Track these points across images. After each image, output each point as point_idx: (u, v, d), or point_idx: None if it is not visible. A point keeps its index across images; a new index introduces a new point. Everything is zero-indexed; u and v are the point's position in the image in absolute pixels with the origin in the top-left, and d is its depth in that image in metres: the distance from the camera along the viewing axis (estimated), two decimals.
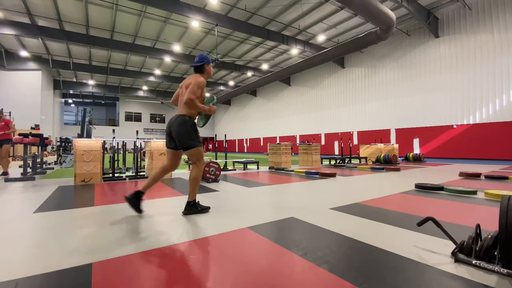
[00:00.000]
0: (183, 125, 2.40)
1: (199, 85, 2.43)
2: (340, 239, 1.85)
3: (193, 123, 2.47)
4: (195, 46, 16.64)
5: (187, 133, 2.40)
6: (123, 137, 27.23)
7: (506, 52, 10.77)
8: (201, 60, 2.59)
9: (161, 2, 10.74)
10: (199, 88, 2.43)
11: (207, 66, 2.61)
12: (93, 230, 2.08)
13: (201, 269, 1.39)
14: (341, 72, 18.34)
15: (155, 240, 1.84)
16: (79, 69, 19.36)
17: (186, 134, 2.40)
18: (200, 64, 2.58)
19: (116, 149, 6.87)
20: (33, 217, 2.45)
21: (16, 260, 1.52)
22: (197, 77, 2.49)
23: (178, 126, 2.41)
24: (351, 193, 3.66)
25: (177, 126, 2.41)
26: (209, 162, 4.97)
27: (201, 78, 2.47)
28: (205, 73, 2.62)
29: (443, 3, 12.00)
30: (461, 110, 12.14)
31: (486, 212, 2.57)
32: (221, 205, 2.94)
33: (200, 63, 2.58)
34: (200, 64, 2.58)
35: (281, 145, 7.92)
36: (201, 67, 2.59)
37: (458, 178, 5.20)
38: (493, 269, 1.32)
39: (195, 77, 2.50)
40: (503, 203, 1.34)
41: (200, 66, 2.59)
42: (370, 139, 15.30)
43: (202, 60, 2.59)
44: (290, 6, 12.18)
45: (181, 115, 2.44)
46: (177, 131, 2.41)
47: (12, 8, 11.99)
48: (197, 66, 2.59)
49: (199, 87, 2.42)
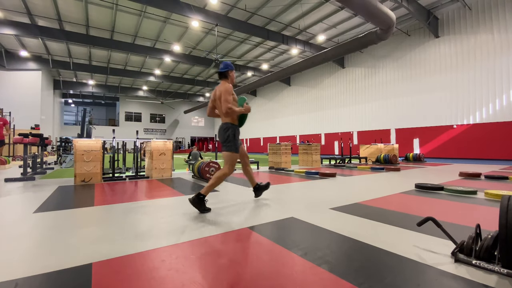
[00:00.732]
0: (225, 131, 2.77)
1: (228, 92, 2.73)
2: (340, 239, 1.85)
3: (234, 130, 2.79)
4: (195, 46, 16.64)
5: (226, 138, 2.76)
6: (123, 137, 27.22)
7: (506, 52, 10.77)
8: (225, 67, 2.89)
9: (161, 2, 10.74)
10: (229, 94, 2.74)
11: (231, 72, 2.91)
12: (93, 230, 2.08)
13: (201, 269, 1.39)
14: (341, 72, 18.34)
15: (155, 240, 1.84)
16: (79, 69, 19.37)
17: (225, 139, 2.77)
18: (225, 71, 2.88)
19: (116, 149, 6.87)
20: (33, 217, 2.45)
21: (16, 260, 1.52)
22: (224, 85, 2.79)
23: (220, 131, 2.82)
24: (351, 193, 3.66)
25: (220, 131, 2.83)
26: (209, 162, 4.98)
27: (227, 84, 2.79)
28: (229, 78, 2.90)
29: (443, 3, 12.01)
30: (461, 110, 12.14)
31: (486, 212, 2.57)
32: (221, 205, 2.94)
33: (225, 69, 2.88)
34: (225, 71, 2.88)
35: (281, 145, 7.92)
36: (226, 73, 2.88)
37: (458, 178, 5.20)
38: (493, 269, 1.32)
39: (223, 85, 2.80)
40: (503, 203, 1.34)
41: (224, 72, 2.88)
42: (370, 139, 15.30)
43: (226, 67, 2.90)
44: (290, 6, 12.18)
45: (224, 123, 2.82)
46: (219, 135, 2.84)
47: (12, 8, 11.99)
48: (221, 72, 2.89)
49: (229, 93, 2.73)
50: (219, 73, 2.92)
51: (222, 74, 2.90)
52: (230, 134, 2.74)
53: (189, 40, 15.93)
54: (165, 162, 5.72)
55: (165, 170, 5.71)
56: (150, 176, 5.63)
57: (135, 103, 32.23)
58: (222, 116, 2.85)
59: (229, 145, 2.75)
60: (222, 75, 2.91)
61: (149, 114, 33.54)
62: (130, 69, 21.45)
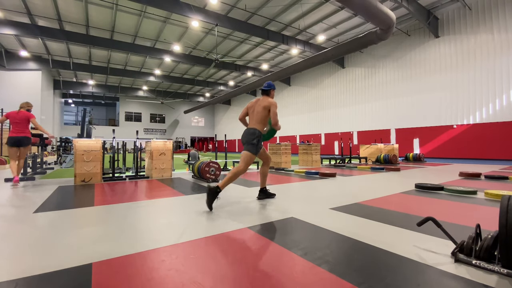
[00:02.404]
0: (251, 135, 3.10)
1: (276, 106, 3.15)
2: (340, 239, 1.85)
3: (259, 137, 3.11)
4: (195, 46, 16.65)
5: (250, 140, 3.09)
6: (123, 137, 27.24)
7: (506, 52, 10.77)
8: (269, 86, 3.29)
9: (161, 2, 10.74)
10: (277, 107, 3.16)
11: (273, 91, 3.33)
12: (93, 230, 2.08)
13: (201, 269, 1.39)
14: (341, 72, 18.34)
15: (155, 240, 1.84)
16: (79, 69, 19.36)
17: (249, 141, 3.09)
18: (269, 89, 3.28)
19: (116, 149, 6.87)
20: (33, 217, 2.45)
21: (16, 260, 1.52)
22: (268, 99, 3.16)
23: (248, 134, 3.12)
24: (351, 193, 3.66)
25: (247, 134, 3.12)
26: (209, 162, 4.97)
27: (273, 100, 3.17)
28: (270, 95, 3.29)
29: (443, 3, 12.01)
30: (461, 110, 12.14)
31: (486, 212, 2.57)
32: (221, 205, 2.94)
33: (268, 88, 3.28)
34: (269, 89, 3.28)
35: (281, 145, 7.92)
36: (269, 91, 3.28)
37: (458, 178, 5.20)
38: (493, 269, 1.32)
39: (266, 100, 3.15)
40: (503, 203, 1.34)
41: (267, 90, 3.28)
42: (370, 139, 15.30)
43: (270, 86, 3.29)
44: (290, 6, 12.18)
45: (252, 128, 3.14)
46: (245, 136, 3.14)
47: (12, 8, 11.99)
48: (265, 90, 3.29)
49: (276, 107, 3.14)
50: (263, 90, 3.32)
51: (266, 91, 3.30)
52: (255, 138, 3.08)
53: (189, 40, 15.93)
54: (165, 162, 5.73)
55: (165, 170, 5.71)
56: (150, 176, 5.63)
57: (135, 103, 32.23)
58: (253, 122, 3.18)
59: (251, 147, 3.06)
60: (265, 93, 3.31)
61: (149, 114, 33.54)
62: (130, 69, 21.45)
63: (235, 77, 24.39)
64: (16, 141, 4.65)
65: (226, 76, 24.21)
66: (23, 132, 4.75)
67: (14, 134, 4.67)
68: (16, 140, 4.65)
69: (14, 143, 4.64)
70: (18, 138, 4.67)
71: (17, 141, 4.66)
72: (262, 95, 3.32)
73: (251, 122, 3.22)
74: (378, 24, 9.32)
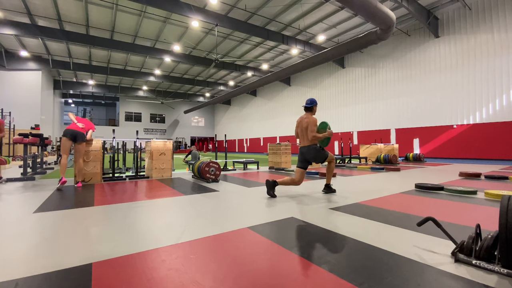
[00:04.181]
0: (315, 151, 3.40)
1: (315, 123, 3.39)
2: (340, 239, 1.85)
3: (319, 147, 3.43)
4: (195, 46, 16.64)
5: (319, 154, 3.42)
6: (123, 137, 27.27)
7: (506, 52, 10.77)
8: (311, 103, 3.52)
9: (161, 2, 10.74)
10: (315, 125, 3.39)
11: (315, 107, 3.55)
12: (93, 230, 2.08)
13: (201, 269, 1.39)
14: (341, 72, 18.34)
15: (155, 240, 1.85)
16: (79, 69, 19.35)
17: (320, 155, 3.42)
18: (311, 106, 3.51)
19: (116, 149, 6.87)
20: (33, 217, 2.45)
21: (16, 260, 1.52)
22: (310, 118, 3.41)
23: (312, 153, 3.41)
24: (351, 193, 3.66)
25: (312, 153, 3.41)
26: (209, 162, 4.97)
27: (313, 118, 3.41)
28: (313, 111, 3.53)
29: (443, 3, 12.00)
30: (461, 110, 12.13)
31: (486, 212, 2.57)
32: (221, 205, 2.94)
33: (311, 104, 3.51)
34: (311, 106, 3.51)
35: (281, 145, 7.92)
36: (311, 107, 3.51)
37: (458, 178, 5.20)
38: (493, 269, 1.32)
39: (308, 118, 3.42)
40: (503, 203, 1.34)
41: (310, 107, 3.51)
42: (370, 139, 15.30)
43: (312, 102, 3.53)
44: (290, 6, 12.18)
45: (310, 146, 3.43)
46: (313, 156, 3.42)
47: (12, 8, 11.98)
48: (308, 106, 3.51)
49: (315, 125, 3.38)
50: (306, 107, 3.52)
51: (309, 108, 3.50)
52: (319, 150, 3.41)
53: (189, 40, 15.92)
54: (165, 162, 5.73)
55: (165, 170, 5.71)
56: (150, 176, 5.63)
57: (135, 103, 32.22)
58: (305, 141, 3.47)
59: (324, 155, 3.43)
60: (308, 109, 3.51)
61: (149, 114, 33.53)
62: (130, 69, 21.44)
63: (235, 77, 24.39)
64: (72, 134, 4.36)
65: (226, 76, 24.20)
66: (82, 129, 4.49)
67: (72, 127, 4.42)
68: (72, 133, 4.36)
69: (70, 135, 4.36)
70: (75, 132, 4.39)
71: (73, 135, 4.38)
72: (305, 112, 3.52)
73: (303, 141, 3.50)
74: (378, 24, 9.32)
